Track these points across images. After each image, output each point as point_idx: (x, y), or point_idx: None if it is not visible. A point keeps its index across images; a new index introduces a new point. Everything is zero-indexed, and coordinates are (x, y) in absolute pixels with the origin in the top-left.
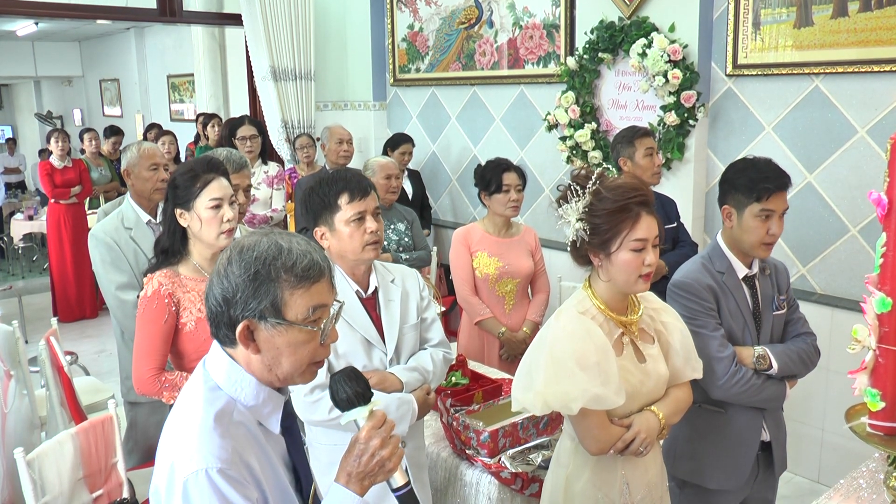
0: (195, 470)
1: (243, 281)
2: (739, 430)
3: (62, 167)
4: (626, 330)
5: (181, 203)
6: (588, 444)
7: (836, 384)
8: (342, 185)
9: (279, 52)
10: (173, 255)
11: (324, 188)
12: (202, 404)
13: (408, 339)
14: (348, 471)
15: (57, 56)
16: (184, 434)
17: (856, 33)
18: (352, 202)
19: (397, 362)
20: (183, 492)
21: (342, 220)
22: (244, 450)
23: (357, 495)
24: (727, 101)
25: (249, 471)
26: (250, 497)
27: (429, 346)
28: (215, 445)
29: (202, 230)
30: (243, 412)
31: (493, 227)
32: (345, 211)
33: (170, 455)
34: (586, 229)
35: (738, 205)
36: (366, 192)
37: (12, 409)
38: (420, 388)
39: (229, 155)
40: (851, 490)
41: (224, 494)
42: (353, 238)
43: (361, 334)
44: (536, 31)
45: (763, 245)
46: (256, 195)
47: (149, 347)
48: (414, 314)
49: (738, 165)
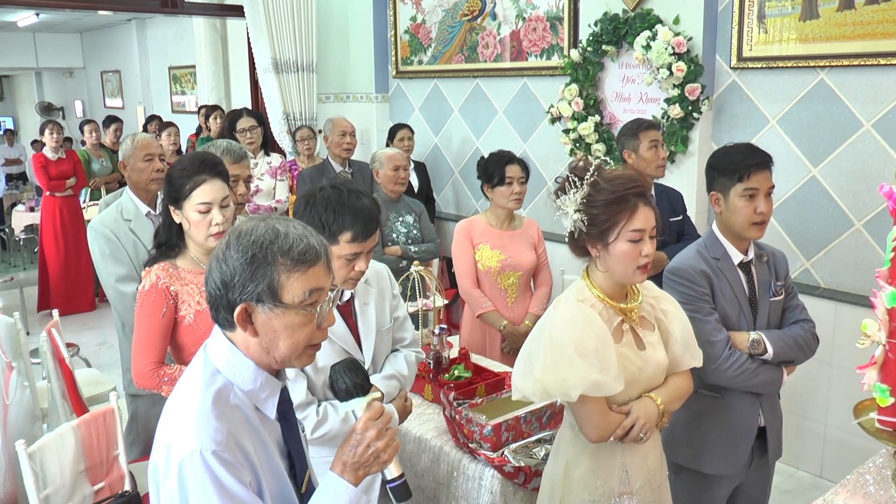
0: (190, 451)
1: (241, 265)
2: (736, 415)
3: (56, 159)
4: (625, 317)
5: (172, 200)
6: (587, 432)
7: (840, 379)
8: (350, 221)
9: (281, 44)
10: (170, 248)
11: (328, 214)
12: (200, 387)
13: (384, 343)
14: (344, 460)
15: (58, 47)
16: (181, 415)
17: (862, 26)
18: (353, 242)
19: (374, 370)
20: (178, 472)
21: (336, 253)
22: (239, 433)
23: (351, 484)
24: (731, 94)
25: (244, 454)
26: (243, 480)
27: (401, 347)
28: (211, 427)
29: (191, 230)
30: (240, 396)
31: (496, 220)
32: (342, 248)
33: (167, 435)
34: (584, 220)
35: (722, 188)
36: (371, 233)
37: (14, 401)
38: (398, 395)
39: (229, 146)
40: (858, 486)
41: (217, 476)
42: (338, 273)
43: (339, 345)
44: (540, 23)
45: (753, 225)
46: (260, 186)
47: (147, 341)
48: (388, 316)
49: (720, 151)
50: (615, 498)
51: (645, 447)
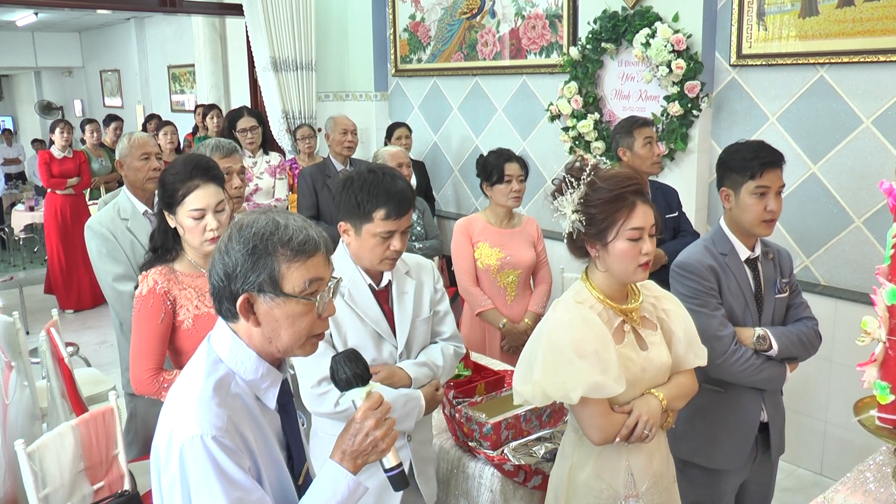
0: (191, 436)
1: (242, 256)
2: (739, 410)
3: (61, 157)
4: (626, 318)
5: (166, 205)
6: (591, 434)
7: (839, 376)
8: (384, 199)
9: (280, 43)
10: (167, 252)
11: (363, 194)
12: (203, 374)
13: (419, 332)
14: (343, 448)
15: (57, 46)
16: (183, 401)
17: (862, 23)
18: (387, 219)
19: (407, 356)
20: (179, 456)
21: (371, 231)
22: (240, 421)
23: (350, 472)
24: (731, 92)
25: (244, 441)
26: (242, 465)
27: (440, 340)
28: (212, 413)
29: (186, 236)
30: (241, 385)
31: (495, 218)
32: (376, 225)
33: (170, 421)
34: (582, 220)
35: (734, 185)
36: (405, 211)
37: (13, 401)
38: (429, 383)
39: (218, 142)
40: (858, 483)
41: (217, 460)
42: (375, 252)
43: (373, 327)
44: (539, 20)
45: (763, 223)
46: (259, 185)
47: (145, 347)
48: (427, 307)
49: (732, 147)
50: (621, 501)
51: (650, 448)
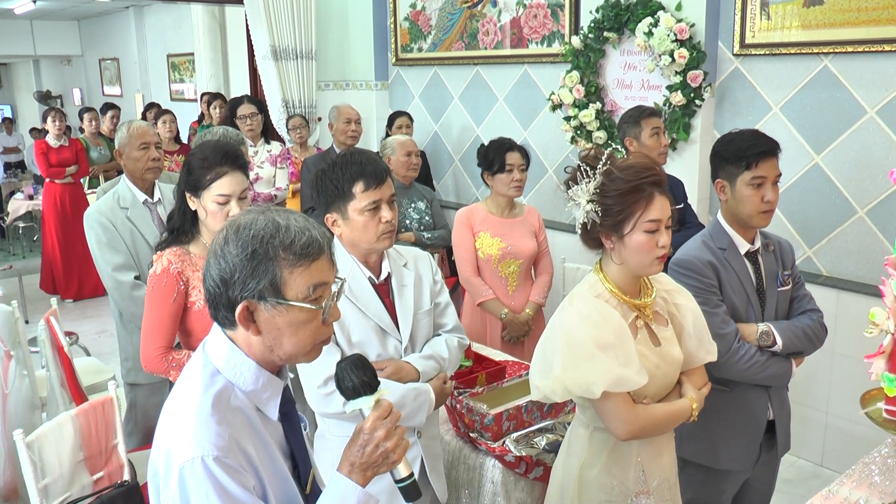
0: (191, 458)
1: (241, 261)
2: (746, 409)
3: (58, 146)
4: (640, 313)
5: (191, 188)
6: (616, 428)
7: (842, 367)
8: (357, 170)
9: (280, 31)
10: (183, 233)
11: (336, 173)
12: (200, 389)
13: (422, 325)
14: (351, 461)
15: (56, 35)
16: (181, 419)
17: (866, 12)
18: (367, 190)
19: (412, 350)
20: (179, 479)
21: (356, 209)
22: (241, 436)
23: (359, 486)
24: (734, 81)
25: (246, 458)
26: (247, 485)
27: (443, 332)
28: (212, 433)
29: (207, 220)
30: (241, 397)
31: (496, 208)
32: (359, 200)
33: (167, 439)
34: (597, 211)
35: (729, 176)
36: (382, 179)
37: (12, 390)
38: (436, 376)
39: (225, 132)
40: (863, 476)
41: (220, 482)
42: (368, 228)
43: (375, 322)
44: (540, 10)
45: (760, 214)
46: (260, 174)
47: (157, 326)
48: (428, 299)
49: (726, 138)
50: (632, 497)
51: (661, 446)
